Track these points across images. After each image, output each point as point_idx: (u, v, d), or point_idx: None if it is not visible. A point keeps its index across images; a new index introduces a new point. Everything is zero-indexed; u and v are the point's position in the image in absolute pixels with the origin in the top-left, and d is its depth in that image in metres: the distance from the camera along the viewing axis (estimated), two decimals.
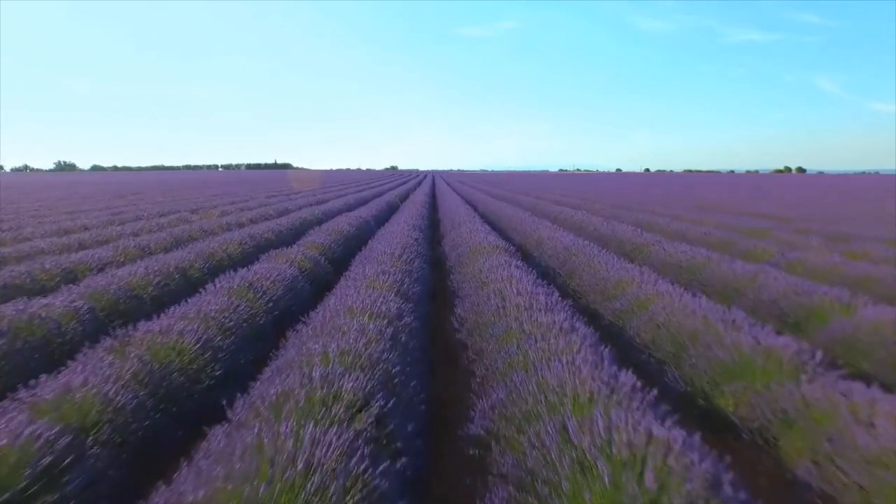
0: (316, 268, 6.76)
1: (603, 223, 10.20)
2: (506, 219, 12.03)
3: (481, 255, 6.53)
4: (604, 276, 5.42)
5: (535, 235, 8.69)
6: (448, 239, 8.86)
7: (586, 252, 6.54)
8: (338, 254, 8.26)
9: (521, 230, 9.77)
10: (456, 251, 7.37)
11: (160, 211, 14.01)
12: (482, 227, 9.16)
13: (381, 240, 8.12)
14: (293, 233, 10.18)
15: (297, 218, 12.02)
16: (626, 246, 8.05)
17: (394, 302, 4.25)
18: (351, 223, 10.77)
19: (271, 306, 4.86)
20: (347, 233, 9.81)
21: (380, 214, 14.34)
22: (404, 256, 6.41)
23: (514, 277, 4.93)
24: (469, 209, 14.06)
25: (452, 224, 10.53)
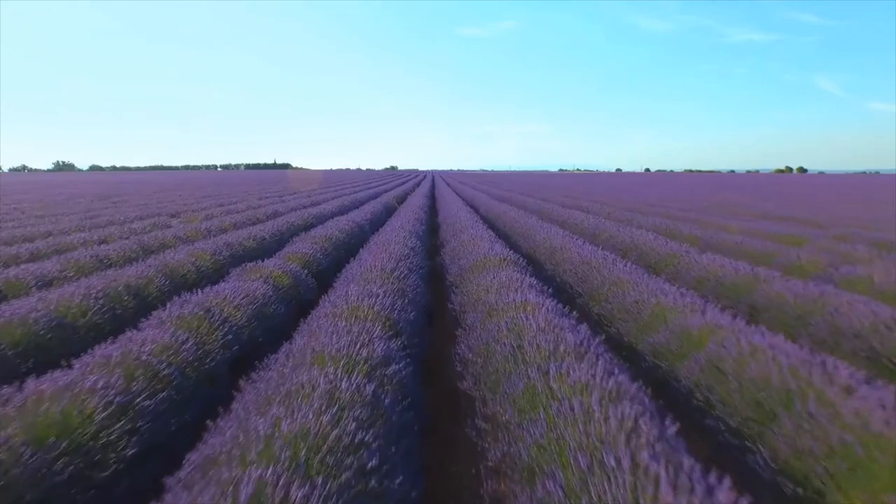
0: (296, 285, 5.83)
1: (618, 228, 9.27)
2: (511, 223, 11.09)
3: (487, 269, 5.60)
4: (635, 299, 4.49)
5: (546, 244, 7.76)
6: (449, 247, 7.93)
7: (609, 266, 5.61)
8: (324, 265, 7.34)
9: (530, 237, 8.84)
10: (457, 263, 6.44)
11: (140, 214, 13.08)
12: (486, 234, 8.23)
13: (374, 249, 7.21)
14: (277, 240, 9.25)
15: (285, 223, 11.10)
16: (650, 256, 7.12)
17: (379, 341, 3.33)
18: (342, 228, 9.84)
19: (230, 339, 3.94)
20: (337, 240, 8.88)
21: (375, 218, 13.42)
22: (397, 271, 5.49)
23: (529, 303, 4.01)
24: (471, 212, 13.13)
25: (453, 230, 9.60)
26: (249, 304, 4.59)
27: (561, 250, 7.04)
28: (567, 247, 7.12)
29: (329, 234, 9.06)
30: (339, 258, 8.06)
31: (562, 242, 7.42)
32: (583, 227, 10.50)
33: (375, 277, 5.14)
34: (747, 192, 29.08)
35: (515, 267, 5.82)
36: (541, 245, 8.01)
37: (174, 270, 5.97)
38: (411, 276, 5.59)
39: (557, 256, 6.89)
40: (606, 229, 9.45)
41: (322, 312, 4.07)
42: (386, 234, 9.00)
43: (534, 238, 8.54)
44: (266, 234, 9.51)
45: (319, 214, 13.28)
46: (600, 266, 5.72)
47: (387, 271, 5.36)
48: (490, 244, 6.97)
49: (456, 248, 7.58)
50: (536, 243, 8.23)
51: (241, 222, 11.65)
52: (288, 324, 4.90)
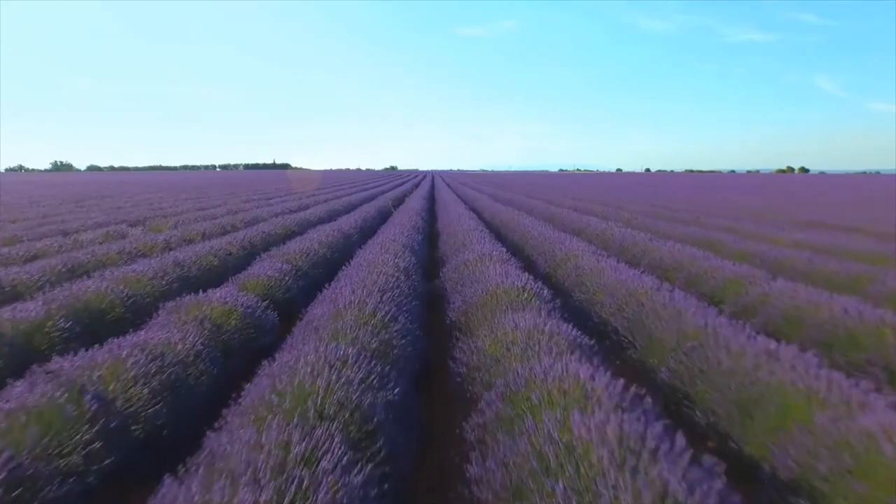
0: (245, 328, 4.36)
1: (651, 242, 7.81)
2: (522, 233, 9.63)
3: (501, 306, 4.15)
4: (728, 368, 3.01)
5: (571, 263, 6.30)
6: (451, 266, 6.47)
7: (666, 302, 4.14)
8: (294, 291, 5.88)
9: (547, 252, 7.37)
10: (461, 293, 4.98)
11: (101, 221, 11.61)
12: (495, 248, 6.77)
13: (358, 269, 5.76)
14: (246, 255, 7.79)
15: (261, 232, 9.63)
16: (705, 281, 5.66)
17: (331, 476, 1.87)
18: (325, 240, 8.38)
19: (107, 443, 2.48)
20: (317, 256, 7.42)
21: (367, 224, 11.96)
22: (382, 310, 4.02)
23: (578, 382, 2.55)
24: (474, 218, 11.67)
25: (455, 241, 8.15)
26: (162, 371, 3.13)
27: (591, 273, 5.57)
28: (598, 268, 5.66)
29: (308, 247, 7.60)
30: (318, 279, 6.60)
31: (591, 263, 5.95)
32: (606, 238, 9.03)
33: (349, 322, 3.67)
34: (762, 194, 27.64)
35: (542, 304, 4.36)
36: (562, 263, 6.54)
37: (86, 306, 4.49)
38: (400, 317, 4.12)
39: (589, 282, 5.42)
40: (636, 242, 7.99)
41: (252, 401, 2.61)
42: (376, 246, 7.55)
43: (552, 253, 7.06)
44: (235, 246, 8.05)
45: (303, 221, 11.81)
46: (651, 300, 4.25)
47: (367, 315, 3.90)
48: (502, 267, 5.51)
49: (459, 267, 6.12)
50: (556, 260, 6.76)
51: (211, 231, 10.19)
52: (221, 391, 3.44)
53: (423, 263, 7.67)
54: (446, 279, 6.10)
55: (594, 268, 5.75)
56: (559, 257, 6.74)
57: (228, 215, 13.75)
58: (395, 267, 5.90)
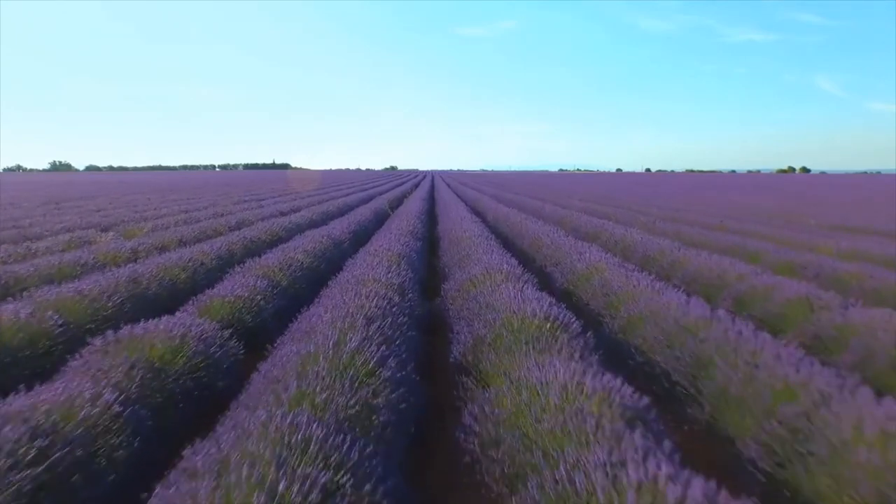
0: (195, 370, 3.42)
1: (681, 251, 6.87)
2: (530, 238, 8.69)
3: (522, 348, 3.22)
4: (867, 461, 2.08)
5: (595, 278, 5.36)
6: (454, 282, 5.54)
7: (732, 339, 3.20)
8: (267, 313, 4.94)
9: (564, 263, 6.44)
10: (469, 324, 4.05)
11: (70, 225, 10.67)
12: (504, 260, 5.84)
13: (346, 288, 4.84)
14: (221, 266, 6.84)
15: (244, 238, 8.70)
16: (759, 303, 4.72)
17: None
18: (311, 249, 7.44)
19: None
20: (301, 267, 6.49)
21: (361, 228, 11.03)
22: (366, 352, 3.08)
23: None
24: (477, 222, 10.73)
25: (458, 251, 7.21)
26: (44, 456, 2.20)
27: (624, 293, 4.64)
28: (631, 287, 4.73)
29: (291, 257, 6.68)
30: (299, 297, 5.68)
31: (620, 279, 5.02)
32: (627, 245, 8.09)
33: (321, 372, 2.74)
34: (774, 195, 26.72)
35: (566, 335, 3.44)
36: (584, 278, 5.60)
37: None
38: (391, 356, 3.18)
39: (622, 304, 4.48)
40: (664, 251, 7.05)
41: None
42: (368, 256, 6.63)
43: (571, 266, 6.12)
44: (210, 256, 7.12)
45: (291, 226, 10.87)
46: (712, 334, 3.32)
47: (346, 355, 2.96)
48: (515, 285, 4.57)
49: (464, 284, 5.19)
50: (577, 274, 5.82)
51: (190, 237, 9.26)
52: (142, 473, 2.50)
53: (422, 276, 6.75)
54: (449, 298, 5.16)
55: (625, 286, 4.81)
56: (580, 271, 5.80)
57: (213, 218, 12.82)
58: (388, 285, 4.96)
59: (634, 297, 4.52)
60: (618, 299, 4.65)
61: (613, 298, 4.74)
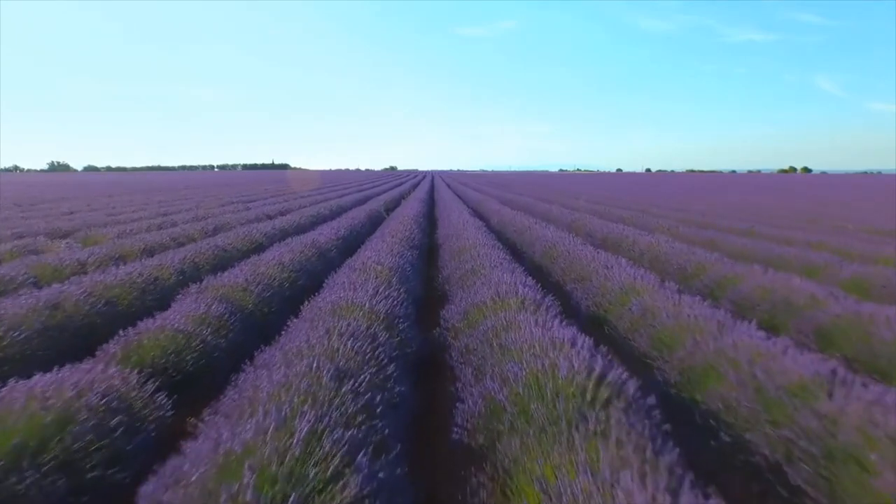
0: (80, 459, 2.35)
1: (723, 263, 5.80)
2: (543, 247, 7.60)
3: (564, 426, 2.15)
4: None
5: (634, 303, 4.28)
6: (458, 308, 4.45)
7: (869, 417, 2.13)
8: (217, 353, 3.85)
9: (588, 280, 5.34)
10: (479, 378, 2.97)
11: (25, 231, 9.58)
12: (517, 278, 4.76)
13: (318, 321, 3.77)
14: (181, 281, 5.76)
15: (214, 248, 7.61)
16: (854, 340, 3.64)
17: None
18: (287, 262, 6.36)
19: None
20: (272, 285, 5.42)
21: (353, 234, 9.96)
22: (326, 443, 2.01)
23: None
24: (481, 228, 9.65)
25: (462, 264, 6.13)
26: None
27: (682, 331, 3.56)
28: (684, 319, 3.65)
29: (262, 272, 5.61)
30: (263, 327, 4.60)
31: (668, 306, 3.94)
32: (655, 256, 7.00)
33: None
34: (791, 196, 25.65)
35: (622, 401, 2.37)
36: (619, 303, 4.52)
37: None
38: (362, 458, 2.09)
39: (677, 346, 3.40)
40: (702, 264, 5.97)
41: None
42: (354, 271, 5.56)
43: (601, 286, 5.04)
44: (170, 270, 6.04)
45: (274, 232, 9.79)
46: (841, 399, 2.26)
47: (289, 464, 1.88)
48: (537, 317, 3.50)
49: (470, 313, 4.11)
50: (608, 297, 4.74)
51: (155, 246, 8.18)
52: None
53: (417, 295, 5.67)
54: (450, 330, 4.08)
55: (673, 314, 3.73)
56: (611, 292, 4.71)
57: (192, 222, 11.74)
58: (373, 314, 3.88)
59: (691, 332, 3.45)
60: (670, 336, 3.57)
61: (662, 333, 3.66)
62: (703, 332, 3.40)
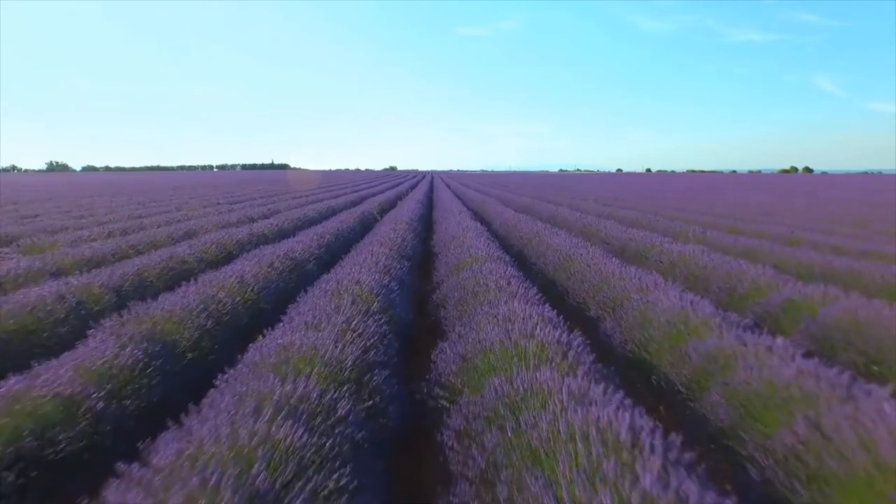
0: None
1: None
2: (557, 260, 6.48)
3: None
4: None
5: (690, 347, 3.16)
6: (457, 348, 3.32)
7: None
8: (131, 415, 2.74)
9: (629, 315, 4.21)
10: (490, 485, 1.85)
11: None
12: (534, 308, 3.66)
13: (241, 403, 2.66)
14: (114, 305, 4.65)
15: (170, 258, 6.50)
16: None
17: None
18: (249, 278, 5.25)
19: None
20: (219, 312, 4.31)
21: (337, 241, 8.85)
22: None
23: None
24: (484, 234, 8.54)
25: (463, 282, 5.02)
26: None
27: (786, 409, 2.44)
28: (775, 376, 2.55)
29: (211, 296, 4.49)
30: (188, 378, 3.49)
31: (751, 360, 2.83)
32: (694, 271, 5.88)
33: None
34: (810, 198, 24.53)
35: None
36: (665, 342, 3.41)
37: None
38: None
39: (796, 444, 2.28)
40: (760, 284, 4.86)
41: None
42: (326, 294, 4.45)
43: (643, 317, 3.92)
44: (104, 288, 4.94)
45: (249, 238, 8.66)
46: None
47: None
48: (565, 380, 2.39)
49: (470, 358, 3.01)
50: (651, 331, 3.63)
51: (106, 256, 7.07)
52: None
53: (405, 323, 4.55)
54: (446, 386, 2.96)
55: (766, 372, 2.62)
56: (657, 326, 3.60)
57: (164, 226, 10.63)
58: (334, 371, 2.77)
59: (794, 401, 2.34)
60: (761, 406, 2.46)
61: (748, 400, 2.54)
62: (817, 403, 2.30)
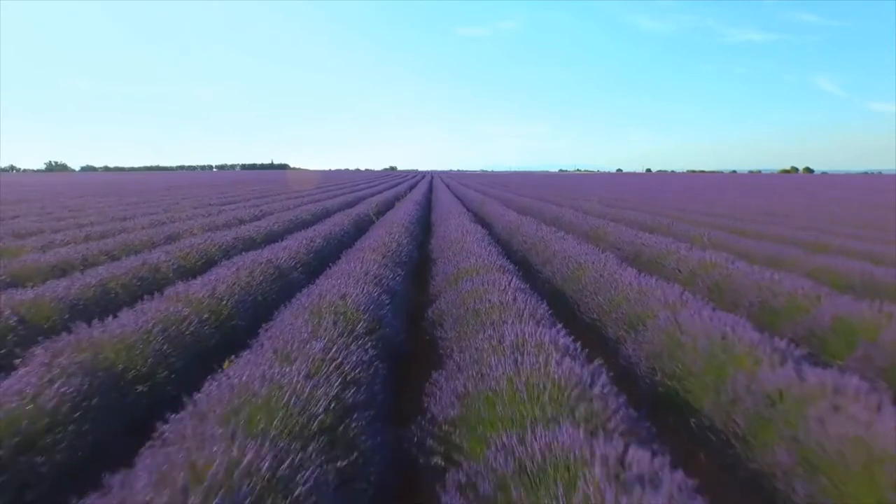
0: None
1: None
2: (567, 269, 5.90)
3: None
4: None
5: (749, 388, 2.59)
6: (452, 386, 2.76)
7: None
8: None
9: (656, 341, 3.64)
10: None
11: None
12: (546, 334, 3.10)
13: (210, 426, 2.08)
14: (63, 323, 4.09)
15: (147, 266, 5.94)
16: None
17: None
18: (223, 290, 4.68)
19: None
20: (184, 332, 3.74)
21: (328, 246, 8.29)
22: None
23: None
24: (484, 237, 7.97)
25: (461, 300, 4.45)
26: None
27: None
28: None
29: (174, 313, 3.93)
30: (131, 419, 2.93)
31: (822, 412, 2.25)
32: (719, 282, 5.30)
33: None
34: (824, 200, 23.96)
35: None
36: (702, 375, 2.85)
37: None
38: None
39: None
40: (797, 298, 4.29)
41: None
42: (301, 320, 3.89)
43: (678, 349, 3.35)
44: (56, 305, 4.37)
45: (235, 242, 8.09)
46: None
47: None
48: (592, 442, 1.82)
49: (471, 401, 2.44)
50: (690, 365, 3.06)
51: (75, 262, 6.50)
52: None
53: (396, 346, 3.98)
54: (442, 440, 2.39)
55: (847, 428, 2.06)
56: (692, 355, 3.03)
57: (148, 228, 10.07)
58: (305, 414, 2.20)
59: None
60: (850, 479, 1.89)
61: (827, 465, 1.98)
62: None
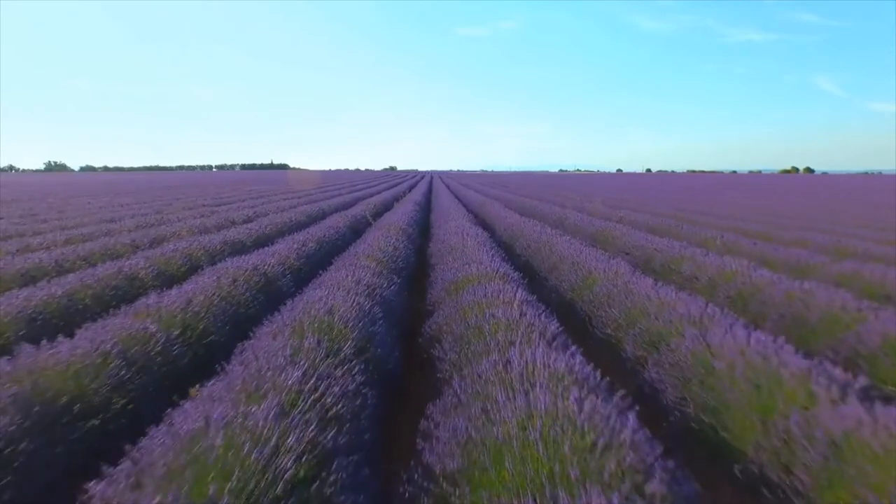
0: None
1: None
2: (576, 276, 5.46)
3: None
4: None
5: (810, 433, 2.14)
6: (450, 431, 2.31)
7: None
8: None
9: (688, 369, 3.19)
10: None
11: None
12: (562, 359, 2.67)
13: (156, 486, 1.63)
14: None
15: (119, 275, 5.51)
16: None
17: None
18: (201, 301, 4.25)
19: None
20: (152, 352, 3.31)
21: (321, 250, 7.85)
22: None
23: None
24: (486, 241, 7.54)
25: (461, 315, 4.02)
26: None
27: None
28: None
29: (139, 329, 3.49)
30: (49, 478, 2.50)
31: None
32: (743, 292, 4.86)
33: None
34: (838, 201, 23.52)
35: None
36: (746, 410, 2.41)
37: None
38: None
39: None
40: (838, 316, 3.85)
41: None
42: (287, 329, 3.46)
43: (710, 376, 2.91)
44: (8, 317, 3.94)
45: (222, 247, 7.65)
46: None
47: None
48: None
49: (480, 453, 2.01)
50: (729, 396, 2.62)
51: (48, 269, 6.07)
52: None
53: (389, 368, 3.55)
54: (439, 482, 1.96)
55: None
56: (728, 385, 2.59)
57: (134, 231, 9.64)
58: (269, 470, 1.77)
59: None
60: None
61: None
62: None
